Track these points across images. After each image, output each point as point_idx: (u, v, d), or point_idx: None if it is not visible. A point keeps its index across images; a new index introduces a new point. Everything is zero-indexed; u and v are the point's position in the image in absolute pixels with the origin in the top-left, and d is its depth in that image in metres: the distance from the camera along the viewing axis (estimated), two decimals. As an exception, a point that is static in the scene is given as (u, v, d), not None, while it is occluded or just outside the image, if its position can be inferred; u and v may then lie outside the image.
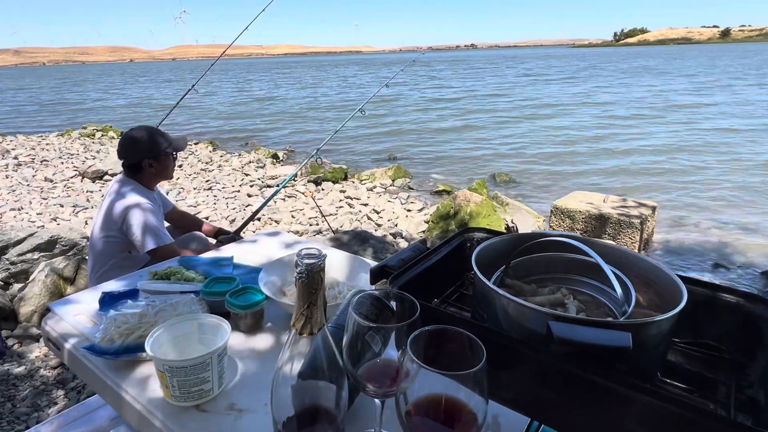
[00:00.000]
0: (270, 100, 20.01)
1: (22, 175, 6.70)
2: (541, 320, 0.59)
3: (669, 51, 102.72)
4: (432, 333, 0.58)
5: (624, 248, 0.78)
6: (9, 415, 2.10)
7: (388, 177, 6.75)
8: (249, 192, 5.97)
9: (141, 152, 2.14)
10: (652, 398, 0.51)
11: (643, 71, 31.88)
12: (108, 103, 20.79)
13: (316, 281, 0.59)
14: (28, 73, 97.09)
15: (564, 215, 4.52)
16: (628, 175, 7.18)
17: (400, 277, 0.76)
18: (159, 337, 0.85)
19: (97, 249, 2.12)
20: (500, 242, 0.82)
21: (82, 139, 10.21)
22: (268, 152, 8.60)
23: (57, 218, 4.93)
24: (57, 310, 1.13)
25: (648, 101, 15.54)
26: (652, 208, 4.48)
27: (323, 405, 0.65)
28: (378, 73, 41.08)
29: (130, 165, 2.18)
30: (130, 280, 1.27)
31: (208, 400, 0.84)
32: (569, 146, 9.25)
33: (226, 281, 1.12)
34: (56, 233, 3.37)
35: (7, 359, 2.47)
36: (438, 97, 19.06)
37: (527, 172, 7.56)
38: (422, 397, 0.56)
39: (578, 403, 0.58)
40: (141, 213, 2.04)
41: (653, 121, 11.62)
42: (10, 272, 3.18)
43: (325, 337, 0.63)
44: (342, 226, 4.73)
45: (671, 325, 0.61)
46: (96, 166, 6.70)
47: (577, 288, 0.81)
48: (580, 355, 0.54)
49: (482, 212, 4.43)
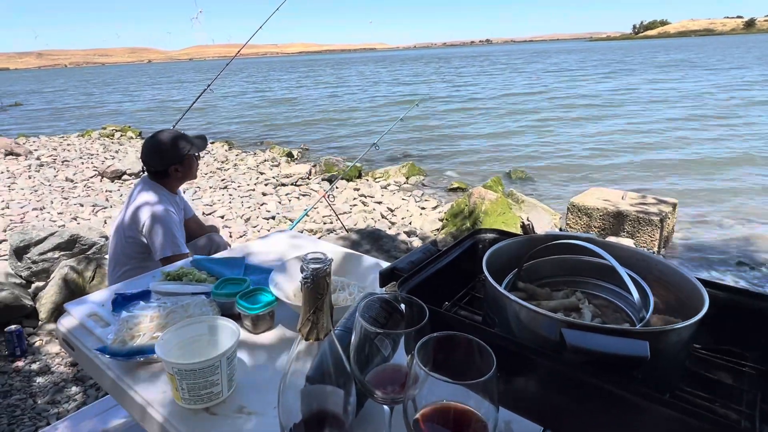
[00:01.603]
0: (289, 101, 19.55)
1: (44, 176, 6.86)
2: (553, 327, 0.57)
3: (696, 43, 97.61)
4: (440, 339, 0.57)
5: (642, 250, 0.75)
6: (30, 411, 2.15)
7: (402, 174, 6.73)
8: (264, 191, 6.01)
9: (167, 159, 2.16)
10: (670, 410, 0.49)
11: (684, 64, 30.26)
12: (126, 105, 21.14)
13: (321, 286, 0.58)
14: (50, 75, 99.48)
15: (581, 213, 4.44)
16: (649, 171, 7.02)
17: (409, 281, 0.75)
18: (170, 339, 0.85)
19: (118, 249, 2.14)
20: (512, 244, 0.80)
21: (101, 139, 10.41)
22: (283, 151, 8.65)
23: (77, 217, 5.03)
24: (71, 310, 1.14)
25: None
26: (673, 204, 4.37)
27: (331, 410, 0.64)
28: (401, 70, 40.62)
29: (156, 171, 2.19)
30: (142, 280, 1.28)
31: (218, 403, 0.84)
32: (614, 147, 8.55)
33: (237, 282, 1.11)
34: (76, 232, 3.44)
35: (29, 356, 2.53)
36: (472, 96, 18.04)
37: (545, 168, 7.46)
38: (430, 404, 0.55)
39: (593, 413, 0.56)
40: (162, 220, 2.07)
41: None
42: (31, 271, 3.25)
43: (332, 342, 0.62)
44: (356, 225, 4.73)
45: (692, 332, 0.59)
46: (115, 166, 6.82)
47: (593, 292, 0.78)
48: (594, 364, 0.52)
49: (497, 210, 4.38)
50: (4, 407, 2.17)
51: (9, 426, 2.07)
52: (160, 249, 2.04)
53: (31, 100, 25.84)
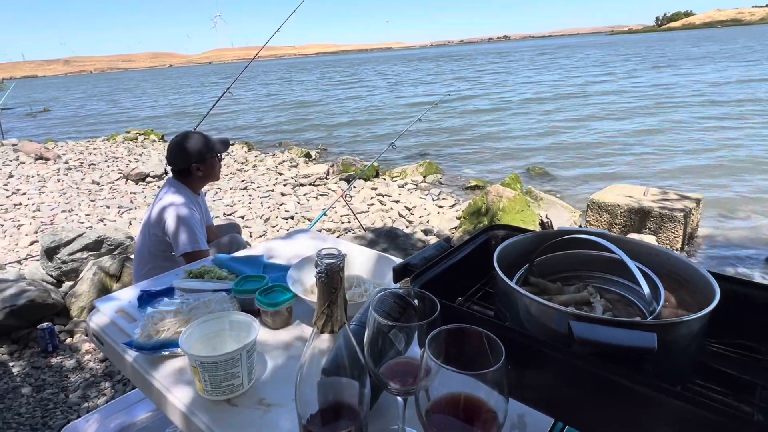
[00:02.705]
0: (307, 104, 19.22)
1: (72, 179, 7.08)
2: (563, 320, 0.58)
3: (727, 34, 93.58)
4: (450, 332, 0.58)
5: (654, 245, 0.76)
6: (62, 405, 2.24)
7: (419, 173, 6.73)
8: (282, 191, 6.09)
9: (189, 158, 2.25)
10: (679, 401, 0.49)
11: (717, 56, 28.98)
12: (149, 110, 21.60)
13: (335, 281, 0.60)
14: (76, 81, 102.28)
15: (601, 209, 4.38)
16: (674, 167, 6.85)
17: (421, 276, 0.77)
18: (192, 333, 0.89)
19: (144, 248, 2.22)
20: (523, 240, 0.81)
21: (126, 142, 10.69)
22: (301, 151, 8.74)
23: (104, 219, 5.18)
24: (100, 307, 1.20)
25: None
26: (697, 200, 4.27)
27: (346, 401, 0.67)
28: (421, 69, 40.21)
29: (180, 170, 2.27)
30: (166, 278, 1.32)
31: (239, 395, 0.87)
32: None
33: (256, 280, 1.15)
34: (103, 233, 3.55)
35: (60, 352, 2.63)
36: (497, 95, 17.28)
37: (565, 165, 7.36)
38: (442, 395, 0.57)
39: (603, 404, 0.57)
40: (184, 218, 2.14)
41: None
42: (62, 270, 3.37)
43: (347, 335, 0.64)
44: (373, 224, 4.75)
45: (702, 325, 0.59)
46: (139, 169, 7.00)
47: (605, 286, 0.79)
48: (602, 355, 0.53)
49: (515, 207, 4.35)
50: (38, 401, 2.27)
51: (42, 419, 2.16)
52: (181, 245, 2.11)
53: (59, 106, 26.67)
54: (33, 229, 4.83)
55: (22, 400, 2.27)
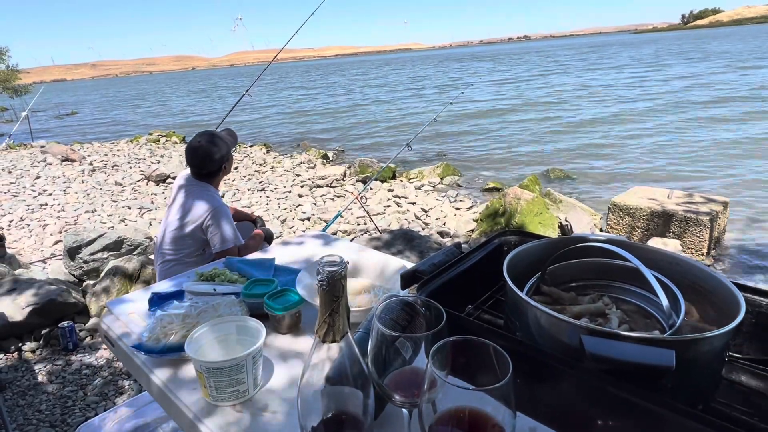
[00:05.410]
0: (326, 106, 18.08)
1: (95, 180, 7.25)
2: (574, 333, 0.55)
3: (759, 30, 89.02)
4: (456, 343, 0.56)
5: (675, 253, 0.72)
6: (81, 403, 2.28)
7: (436, 175, 6.68)
8: (299, 192, 6.12)
9: (219, 160, 2.28)
10: (698, 423, 0.46)
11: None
12: (172, 111, 21.95)
13: (337, 289, 0.58)
14: (102, 84, 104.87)
15: (623, 213, 4.27)
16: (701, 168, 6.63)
17: (429, 283, 0.74)
18: (200, 337, 0.88)
19: (170, 245, 2.23)
20: (536, 247, 0.78)
21: (148, 144, 10.90)
22: (318, 153, 8.77)
23: (125, 219, 5.29)
24: (113, 309, 1.20)
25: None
26: (724, 203, 4.13)
27: (350, 411, 0.65)
28: (443, 69, 39.62)
29: (210, 172, 2.29)
30: (178, 280, 1.33)
31: (244, 401, 0.86)
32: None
33: (265, 283, 1.14)
34: (123, 234, 3.61)
35: (80, 351, 2.68)
36: (518, 93, 16.60)
37: (586, 167, 7.21)
38: (446, 409, 0.54)
39: (617, 424, 0.54)
40: (224, 215, 2.19)
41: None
42: (83, 270, 3.44)
43: (350, 343, 0.63)
44: (389, 226, 4.73)
45: (726, 341, 0.55)
46: (160, 170, 7.13)
47: (622, 297, 0.75)
48: (616, 373, 0.50)
49: (533, 210, 4.28)
50: (57, 398, 2.31)
51: (62, 416, 2.20)
52: (221, 242, 2.15)
53: (85, 109, 27.41)
54: (57, 229, 4.95)
55: (42, 396, 2.32)
